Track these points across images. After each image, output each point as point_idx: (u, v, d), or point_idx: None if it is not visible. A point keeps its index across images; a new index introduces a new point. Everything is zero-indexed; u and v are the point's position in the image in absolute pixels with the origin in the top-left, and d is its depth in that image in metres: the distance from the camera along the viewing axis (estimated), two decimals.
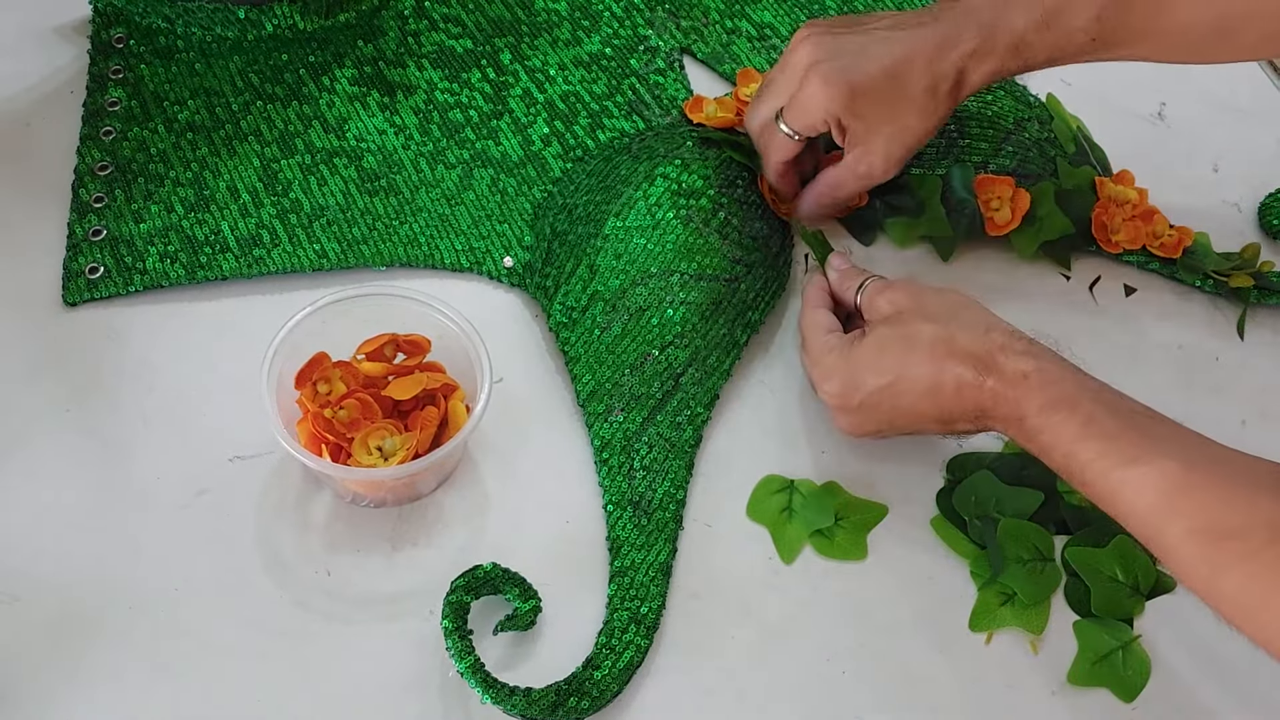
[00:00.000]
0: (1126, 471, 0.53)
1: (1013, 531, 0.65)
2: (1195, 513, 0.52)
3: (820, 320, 0.67)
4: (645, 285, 0.69)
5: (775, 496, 0.67)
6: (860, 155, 0.69)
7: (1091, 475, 0.55)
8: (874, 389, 0.62)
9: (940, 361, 0.60)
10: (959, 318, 0.62)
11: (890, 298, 0.64)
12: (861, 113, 0.67)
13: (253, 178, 0.75)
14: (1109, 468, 0.54)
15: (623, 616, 0.61)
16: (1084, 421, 0.55)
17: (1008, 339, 0.60)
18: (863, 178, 0.70)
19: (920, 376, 0.60)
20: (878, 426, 0.64)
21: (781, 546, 0.65)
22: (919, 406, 0.61)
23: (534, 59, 0.84)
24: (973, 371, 0.59)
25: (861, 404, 0.63)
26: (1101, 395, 0.57)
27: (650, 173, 0.73)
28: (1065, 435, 0.56)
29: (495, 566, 0.60)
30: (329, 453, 0.61)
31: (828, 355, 0.64)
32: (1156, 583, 0.65)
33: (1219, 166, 0.86)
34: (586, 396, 0.68)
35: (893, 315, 0.63)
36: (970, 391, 0.59)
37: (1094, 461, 0.55)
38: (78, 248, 0.71)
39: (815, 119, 0.68)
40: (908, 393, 0.61)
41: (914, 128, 0.68)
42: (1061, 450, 0.56)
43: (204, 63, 0.81)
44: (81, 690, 0.58)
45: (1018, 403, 0.58)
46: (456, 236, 0.75)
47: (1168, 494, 0.52)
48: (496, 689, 0.56)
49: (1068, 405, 0.56)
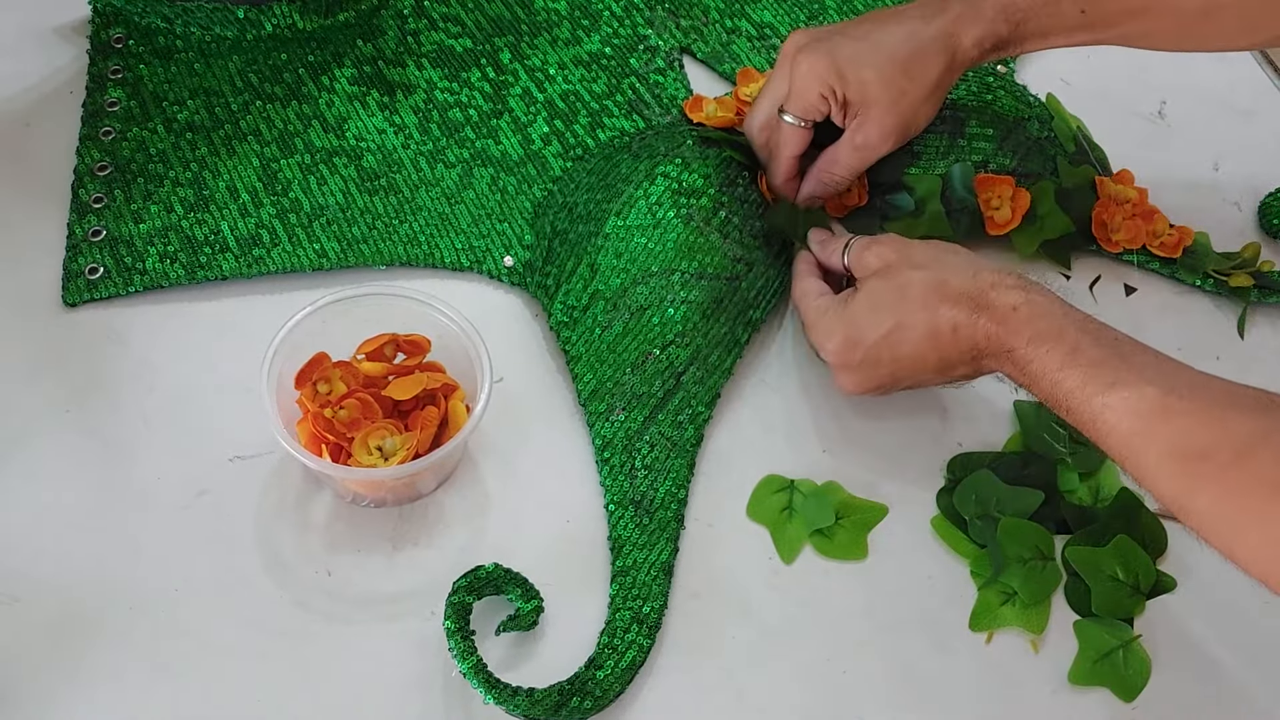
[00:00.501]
0: (1108, 396, 0.55)
1: (1013, 531, 0.65)
2: (1172, 435, 0.53)
3: (810, 288, 0.68)
4: (646, 284, 0.69)
5: (775, 496, 0.67)
6: (857, 125, 0.70)
7: (1075, 402, 0.56)
8: (874, 340, 0.63)
9: (935, 306, 0.61)
10: (947, 263, 0.63)
11: (877, 252, 0.65)
12: (856, 79, 0.68)
13: (252, 177, 0.75)
14: (1091, 394, 0.55)
15: (625, 616, 0.61)
16: (1069, 350, 0.57)
17: (997, 276, 0.61)
18: (860, 148, 0.71)
19: (917, 323, 0.61)
20: (880, 381, 0.64)
21: (781, 546, 0.65)
22: (919, 353, 0.62)
23: (534, 58, 0.84)
24: (966, 312, 0.60)
25: (864, 359, 0.63)
26: (1087, 325, 0.58)
27: (651, 171, 0.73)
28: (1051, 364, 0.57)
29: (497, 567, 0.60)
30: (329, 453, 0.61)
31: (824, 317, 0.65)
32: (1157, 582, 0.65)
33: (1219, 166, 0.86)
34: (588, 396, 0.68)
35: (882, 268, 0.64)
36: (965, 332, 0.60)
37: (1077, 389, 0.56)
38: (77, 248, 0.71)
39: (814, 97, 0.69)
40: (907, 340, 0.62)
41: (910, 94, 0.69)
42: (1048, 379, 0.57)
43: (203, 62, 0.80)
44: (81, 690, 0.58)
45: (1008, 336, 0.59)
46: (456, 235, 0.74)
47: (1146, 417, 0.53)
48: (499, 689, 0.56)
49: (1054, 335, 0.58)
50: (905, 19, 0.70)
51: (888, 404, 0.71)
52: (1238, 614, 0.65)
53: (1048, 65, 0.90)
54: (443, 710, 0.58)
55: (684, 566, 0.64)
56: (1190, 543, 0.66)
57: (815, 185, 0.74)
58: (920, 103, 0.70)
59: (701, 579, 0.64)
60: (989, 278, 0.61)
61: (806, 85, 0.69)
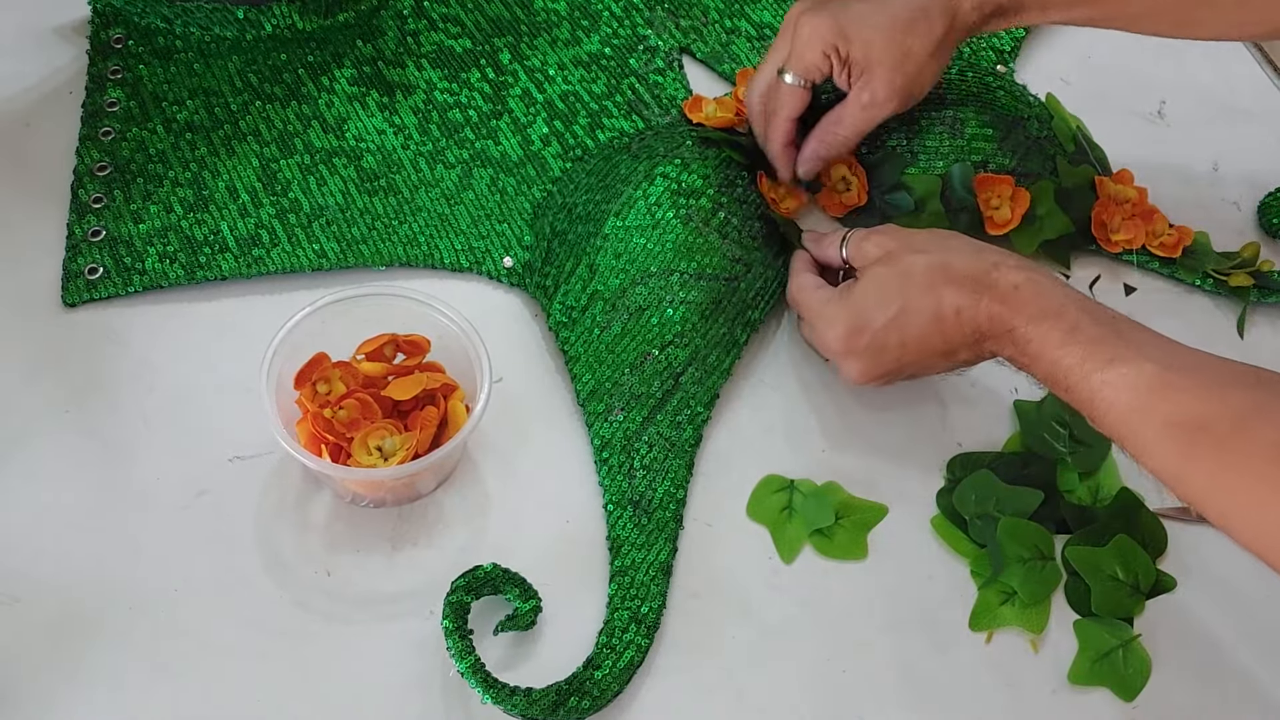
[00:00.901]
0: (1106, 373, 0.55)
1: (1012, 530, 0.65)
2: (1171, 409, 0.53)
3: (807, 282, 0.68)
4: (645, 284, 0.69)
5: (775, 496, 0.67)
6: (864, 84, 0.70)
7: (1074, 379, 0.56)
8: (881, 324, 0.63)
9: (939, 289, 0.61)
10: (949, 246, 0.63)
11: (877, 241, 0.66)
12: (858, 38, 0.69)
13: (252, 178, 0.75)
14: (1090, 370, 0.55)
15: (623, 616, 0.61)
16: (1069, 329, 0.57)
17: (1000, 256, 0.62)
18: (866, 107, 0.71)
19: (923, 306, 0.61)
20: (886, 368, 0.64)
21: (781, 546, 0.65)
22: (924, 335, 0.62)
23: (533, 59, 0.84)
24: (969, 293, 0.60)
25: (869, 344, 0.63)
26: (1086, 304, 0.58)
27: (650, 172, 0.73)
28: (1051, 342, 0.57)
29: (495, 567, 0.60)
30: (329, 453, 0.61)
31: (828, 306, 0.65)
32: (1157, 582, 0.65)
33: (1219, 166, 0.86)
34: (586, 396, 0.68)
35: (883, 256, 0.64)
36: (968, 314, 0.60)
37: (1076, 366, 0.56)
38: (77, 248, 0.71)
39: (816, 55, 0.70)
40: (913, 324, 0.62)
41: (915, 52, 0.69)
42: (1048, 358, 0.58)
43: (203, 63, 0.81)
44: (81, 690, 0.58)
45: (1010, 315, 0.59)
46: (456, 236, 0.74)
47: (1145, 393, 0.54)
48: (497, 689, 0.56)
49: (1055, 313, 0.58)
50: None
51: (887, 404, 0.71)
52: (1238, 614, 0.65)
53: (1048, 64, 0.90)
54: (442, 710, 0.58)
55: (683, 566, 0.64)
56: (1191, 542, 0.66)
57: (818, 145, 0.74)
58: (924, 63, 0.70)
59: (701, 579, 0.64)
60: (991, 258, 0.61)
61: (809, 44, 0.70)
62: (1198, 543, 0.66)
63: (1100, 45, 0.91)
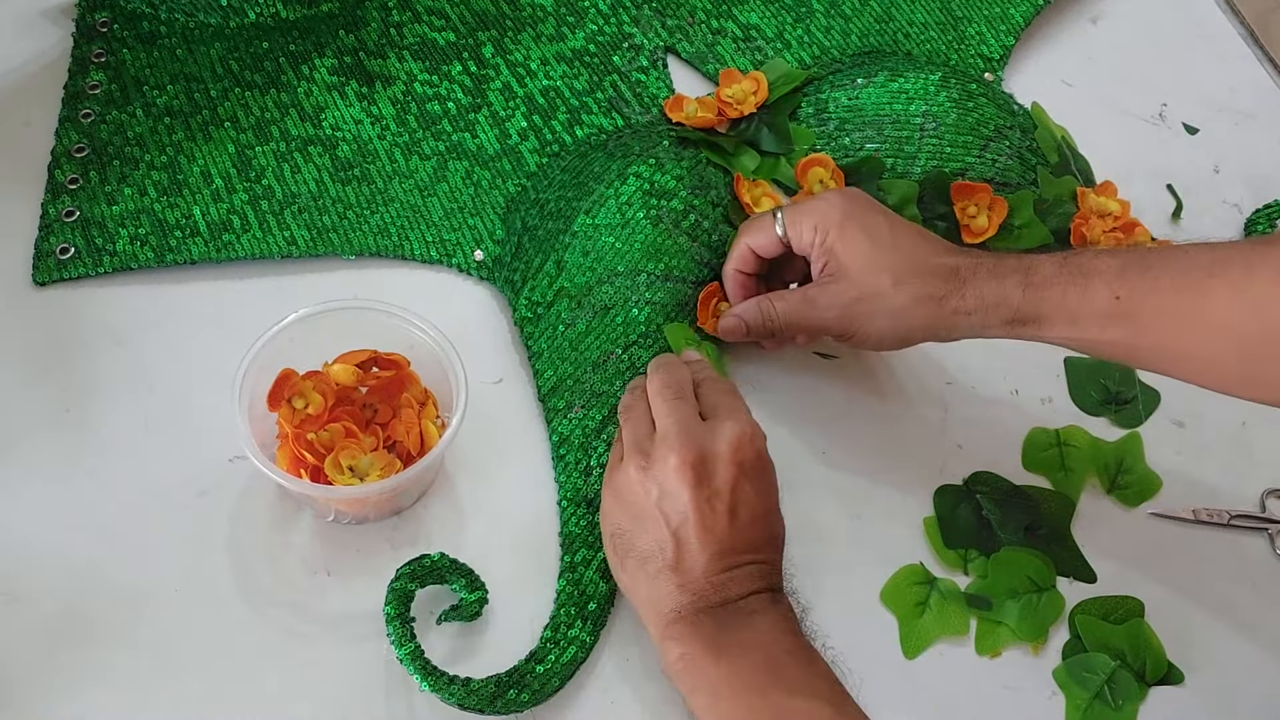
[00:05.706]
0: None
1: (1007, 562, 0.65)
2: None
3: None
4: (612, 283, 0.69)
5: (914, 589, 0.65)
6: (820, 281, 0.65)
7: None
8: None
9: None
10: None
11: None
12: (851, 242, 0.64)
13: (226, 163, 0.75)
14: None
15: (569, 612, 0.60)
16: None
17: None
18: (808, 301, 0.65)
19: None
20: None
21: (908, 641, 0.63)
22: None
23: (516, 53, 0.83)
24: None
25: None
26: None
27: (623, 171, 0.73)
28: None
29: (443, 556, 0.60)
30: (309, 474, 0.60)
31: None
32: (1166, 675, 0.64)
33: (1219, 167, 0.86)
34: (547, 392, 0.68)
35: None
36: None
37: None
38: (50, 228, 0.71)
39: (810, 220, 0.65)
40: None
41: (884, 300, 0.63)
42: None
43: (185, 48, 0.81)
44: (81, 690, 0.58)
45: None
46: (428, 228, 0.74)
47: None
48: (435, 677, 0.56)
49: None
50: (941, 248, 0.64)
51: (886, 404, 0.71)
52: None
53: (1048, 67, 0.89)
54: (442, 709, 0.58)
55: None
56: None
57: (750, 309, 0.68)
58: (883, 314, 0.63)
59: None
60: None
61: (812, 208, 0.65)
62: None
63: (1101, 46, 0.91)
